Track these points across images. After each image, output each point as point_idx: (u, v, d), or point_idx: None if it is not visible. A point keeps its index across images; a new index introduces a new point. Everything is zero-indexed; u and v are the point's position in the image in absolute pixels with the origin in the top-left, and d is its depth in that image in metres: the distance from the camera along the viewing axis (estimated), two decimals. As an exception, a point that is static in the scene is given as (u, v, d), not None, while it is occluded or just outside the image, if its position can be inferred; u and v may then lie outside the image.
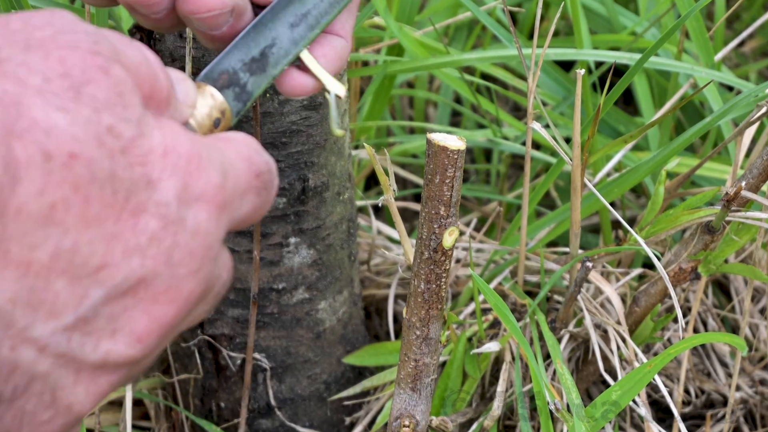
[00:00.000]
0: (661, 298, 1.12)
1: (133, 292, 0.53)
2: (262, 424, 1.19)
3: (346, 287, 1.17)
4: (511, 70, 1.53)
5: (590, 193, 1.18)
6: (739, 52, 1.80)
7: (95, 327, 0.52)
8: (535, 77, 1.07)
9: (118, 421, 1.22)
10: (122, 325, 0.53)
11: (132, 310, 0.53)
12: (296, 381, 1.18)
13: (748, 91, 1.13)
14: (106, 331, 0.52)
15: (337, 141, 1.08)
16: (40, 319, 0.50)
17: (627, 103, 1.70)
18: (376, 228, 1.33)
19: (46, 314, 0.50)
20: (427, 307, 0.86)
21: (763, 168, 1.03)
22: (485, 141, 1.41)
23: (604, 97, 1.07)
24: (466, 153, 0.79)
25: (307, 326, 1.15)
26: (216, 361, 1.17)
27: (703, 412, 1.30)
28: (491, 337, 1.17)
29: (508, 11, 1.12)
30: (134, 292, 0.53)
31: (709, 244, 1.07)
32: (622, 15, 1.51)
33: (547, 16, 1.65)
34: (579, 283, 1.10)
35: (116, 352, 0.53)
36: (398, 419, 0.90)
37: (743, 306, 1.23)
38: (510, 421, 1.21)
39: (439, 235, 0.81)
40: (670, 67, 1.32)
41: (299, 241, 1.10)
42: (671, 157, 1.15)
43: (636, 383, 0.95)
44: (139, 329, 0.53)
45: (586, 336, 1.18)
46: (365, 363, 1.19)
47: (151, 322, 0.53)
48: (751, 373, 1.30)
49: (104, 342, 0.53)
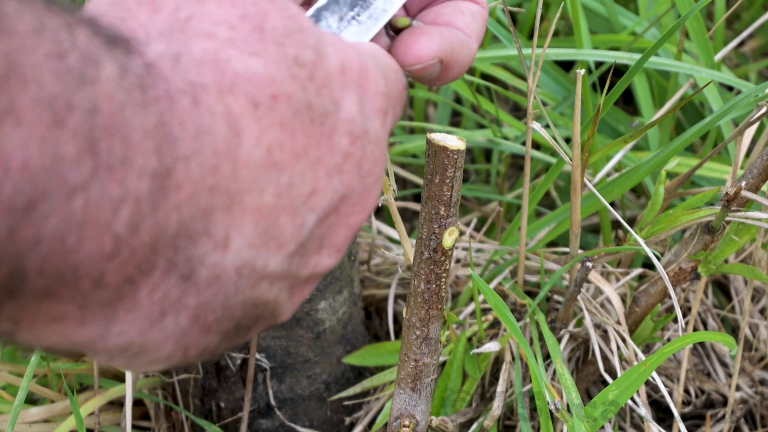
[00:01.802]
0: (661, 298, 1.12)
1: (336, 209, 0.55)
2: (262, 424, 1.19)
3: (346, 287, 1.17)
4: (511, 70, 1.53)
5: (590, 193, 1.18)
6: (739, 52, 1.80)
7: (309, 248, 0.55)
8: (535, 77, 1.07)
9: (118, 421, 1.22)
10: (327, 241, 0.56)
11: (335, 226, 0.56)
12: (296, 381, 1.18)
13: (748, 91, 1.13)
14: (315, 248, 0.55)
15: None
16: (272, 254, 0.53)
17: (627, 103, 1.70)
18: (376, 228, 1.33)
19: (275, 248, 0.53)
20: (427, 307, 0.86)
21: (763, 168, 1.03)
22: (485, 141, 1.41)
23: (604, 97, 1.06)
24: (466, 153, 0.79)
25: (307, 326, 1.15)
26: (216, 361, 1.17)
27: (703, 412, 1.30)
28: (491, 337, 1.17)
29: (508, 11, 1.12)
30: (337, 210, 0.56)
31: (709, 244, 1.07)
32: (622, 15, 1.51)
33: (547, 16, 1.65)
34: (579, 283, 1.09)
35: (322, 265, 0.57)
36: (398, 419, 0.90)
37: (743, 306, 1.23)
38: (510, 421, 1.21)
39: (439, 235, 0.81)
40: (670, 67, 1.32)
41: (299, 241, 1.10)
42: (671, 157, 1.15)
43: (633, 382, 0.95)
44: (339, 240, 0.57)
45: (586, 336, 1.18)
46: (365, 363, 1.19)
47: (348, 231, 0.57)
48: (751, 373, 1.30)
49: (313, 258, 0.56)
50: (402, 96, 0.61)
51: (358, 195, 0.56)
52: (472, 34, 0.68)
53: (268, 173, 0.51)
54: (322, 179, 0.54)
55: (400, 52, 0.66)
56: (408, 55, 0.65)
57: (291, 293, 0.56)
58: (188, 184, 0.48)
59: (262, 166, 0.51)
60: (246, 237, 0.51)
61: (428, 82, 0.68)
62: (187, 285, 0.50)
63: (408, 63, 0.65)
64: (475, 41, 0.68)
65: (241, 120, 0.50)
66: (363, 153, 0.56)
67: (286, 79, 0.52)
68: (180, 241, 0.48)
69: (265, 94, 0.51)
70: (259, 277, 0.53)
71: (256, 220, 0.51)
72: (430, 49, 0.65)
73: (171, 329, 0.51)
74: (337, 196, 0.55)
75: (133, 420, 1.25)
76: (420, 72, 0.66)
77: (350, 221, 0.57)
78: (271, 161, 0.51)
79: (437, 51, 0.65)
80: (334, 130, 0.54)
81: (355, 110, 0.55)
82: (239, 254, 0.51)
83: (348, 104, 0.55)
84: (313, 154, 0.53)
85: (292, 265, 0.54)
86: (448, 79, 0.68)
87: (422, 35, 0.66)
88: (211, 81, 0.50)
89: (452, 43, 0.66)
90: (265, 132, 0.51)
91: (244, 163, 0.50)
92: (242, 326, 0.54)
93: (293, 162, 0.52)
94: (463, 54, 0.67)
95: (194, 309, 0.51)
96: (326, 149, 0.54)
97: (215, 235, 0.50)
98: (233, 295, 0.52)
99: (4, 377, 1.18)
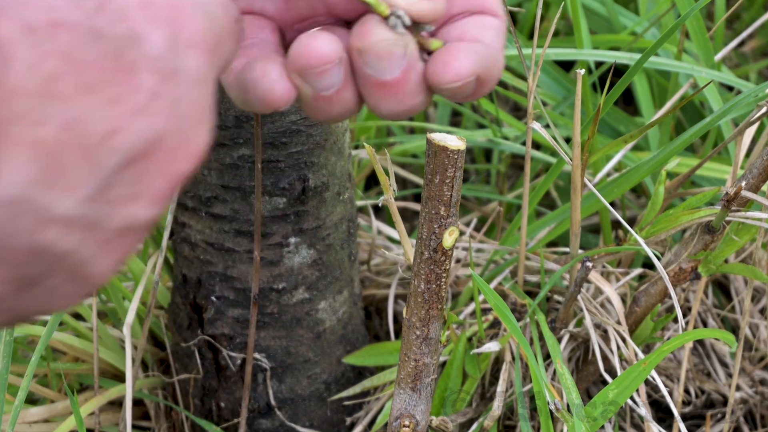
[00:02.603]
0: (661, 298, 1.12)
1: (147, 154, 0.51)
2: (262, 424, 1.19)
3: (346, 287, 1.17)
4: (511, 70, 1.53)
5: (590, 193, 1.18)
6: (739, 52, 1.80)
7: (116, 194, 0.51)
8: (535, 77, 1.07)
9: (118, 421, 1.22)
10: (140, 190, 0.52)
11: (148, 173, 0.52)
12: (296, 381, 1.18)
13: (748, 91, 1.13)
14: (125, 198, 0.52)
15: (337, 141, 1.08)
16: (61, 195, 0.49)
17: (627, 103, 1.70)
18: (376, 228, 1.33)
19: (64, 189, 0.49)
20: (427, 307, 0.86)
21: (763, 168, 1.03)
22: (485, 141, 1.41)
23: (604, 97, 1.07)
24: (466, 153, 0.79)
25: (307, 326, 1.15)
26: (216, 361, 1.17)
27: (703, 412, 1.30)
28: (491, 337, 1.17)
29: (508, 11, 1.12)
30: (147, 155, 0.51)
31: (709, 244, 1.07)
32: (622, 15, 1.51)
33: (547, 16, 1.65)
34: (579, 283, 1.10)
35: (137, 216, 0.52)
36: (398, 419, 0.90)
37: (743, 306, 1.23)
38: (510, 421, 1.21)
39: (439, 235, 0.81)
40: (670, 67, 1.32)
41: (299, 241, 1.10)
42: (671, 157, 1.15)
43: (632, 381, 0.95)
44: (156, 190, 0.52)
45: (586, 336, 1.18)
46: (365, 363, 1.19)
47: (167, 181, 0.53)
48: (751, 373, 1.30)
49: (124, 208, 0.52)
50: (233, 31, 0.57)
51: (176, 139, 0.52)
52: (499, 49, 0.67)
53: (46, 105, 0.48)
54: (124, 118, 0.50)
55: (438, 71, 0.64)
56: (447, 72, 0.64)
57: (101, 247, 0.52)
58: None
59: (39, 96, 0.48)
60: (21, 171, 0.48)
61: (460, 99, 0.66)
62: None
63: (447, 81, 0.64)
64: (502, 56, 0.67)
65: (12, 44, 0.47)
66: (177, 93, 0.52)
67: (67, 6, 0.49)
68: None
69: (42, 20, 0.48)
70: (43, 219, 0.49)
71: (35, 155, 0.48)
72: (468, 66, 0.64)
73: None
74: (145, 138, 0.51)
75: (133, 420, 1.25)
76: (458, 90, 0.64)
77: (168, 169, 0.52)
78: (49, 92, 0.48)
79: (475, 68, 0.64)
80: (135, 66, 0.51)
81: (163, 47, 0.52)
82: (11, 188, 0.48)
83: (154, 40, 0.51)
84: (109, 91, 0.50)
85: (93, 212, 0.51)
86: (480, 95, 0.66)
87: (460, 53, 0.64)
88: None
89: (486, 59, 0.65)
90: (42, 60, 0.48)
91: (12, 89, 0.47)
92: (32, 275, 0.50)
93: (80, 96, 0.49)
94: (495, 69, 0.66)
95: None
96: (126, 86, 0.50)
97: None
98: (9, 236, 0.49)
99: (4, 377, 1.18)
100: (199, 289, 1.14)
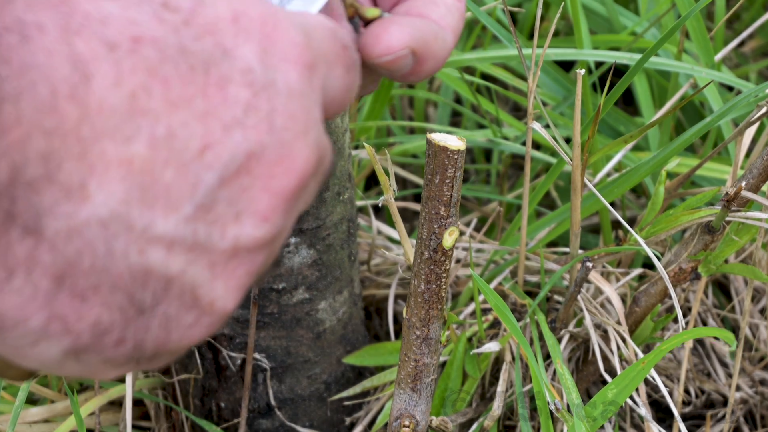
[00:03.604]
0: (661, 298, 1.12)
1: (246, 169, 0.50)
2: (262, 424, 1.19)
3: (346, 287, 1.17)
4: (511, 70, 1.53)
5: (590, 193, 1.18)
6: (739, 52, 1.80)
7: (218, 214, 0.50)
8: (535, 77, 1.07)
9: (118, 421, 1.22)
10: (244, 207, 0.50)
11: (251, 190, 0.50)
12: (296, 381, 1.18)
13: (748, 91, 1.13)
14: (230, 216, 0.50)
15: (337, 141, 1.08)
16: (159, 215, 0.48)
17: (627, 103, 1.70)
18: (376, 228, 1.33)
19: (163, 209, 0.48)
20: (427, 307, 0.86)
21: (763, 168, 1.03)
22: (485, 141, 1.41)
23: (604, 97, 1.07)
24: (466, 153, 0.78)
25: (307, 326, 1.15)
26: (216, 361, 1.17)
27: (703, 412, 1.30)
28: (491, 337, 1.17)
29: (508, 11, 1.12)
30: (247, 170, 0.50)
31: (709, 244, 1.07)
32: (622, 15, 1.51)
33: (547, 16, 1.65)
34: (579, 283, 1.10)
35: (245, 236, 0.50)
36: (398, 419, 0.90)
37: (743, 306, 1.23)
38: (510, 421, 1.21)
39: (439, 235, 0.81)
40: (670, 67, 1.32)
41: (299, 241, 1.10)
42: (671, 157, 1.15)
43: (632, 380, 0.95)
44: (262, 207, 0.50)
45: (586, 336, 1.18)
46: (365, 363, 1.19)
47: (272, 197, 0.50)
48: (751, 373, 1.30)
49: (230, 228, 0.50)
50: (341, 55, 0.56)
51: (275, 153, 0.50)
52: (447, 27, 0.64)
53: (133, 121, 0.47)
54: (217, 132, 0.49)
55: (368, 44, 0.61)
56: (377, 45, 0.60)
57: (212, 270, 0.50)
58: (18, 126, 0.45)
59: (125, 113, 0.47)
60: (114, 190, 0.47)
61: (402, 78, 0.63)
62: (35, 239, 0.46)
63: (377, 54, 0.61)
64: (451, 34, 0.64)
65: (91, 61, 0.46)
66: (271, 106, 0.50)
67: (149, 21, 0.48)
68: (17, 190, 0.45)
69: (124, 36, 0.47)
70: (143, 239, 0.48)
71: (127, 173, 0.47)
72: (400, 39, 0.61)
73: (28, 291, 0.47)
74: (241, 152, 0.49)
75: (133, 420, 1.25)
76: (391, 64, 0.61)
77: (272, 185, 0.50)
78: (137, 108, 0.47)
79: (408, 41, 0.61)
80: (227, 80, 0.49)
81: (254, 60, 0.50)
82: (104, 207, 0.47)
83: (244, 53, 0.50)
84: (200, 105, 0.49)
85: (198, 233, 0.49)
86: (423, 73, 0.63)
87: (392, 24, 0.61)
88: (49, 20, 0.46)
89: (425, 34, 0.62)
90: (126, 76, 0.47)
91: (97, 107, 0.46)
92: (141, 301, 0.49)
93: (169, 111, 0.48)
94: (437, 46, 0.63)
95: (53, 268, 0.47)
96: (218, 101, 0.49)
97: (65, 183, 0.46)
98: (107, 257, 0.48)
99: (4, 377, 1.18)
100: (199, 289, 1.14)
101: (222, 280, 0.51)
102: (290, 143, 0.51)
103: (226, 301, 0.51)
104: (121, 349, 0.50)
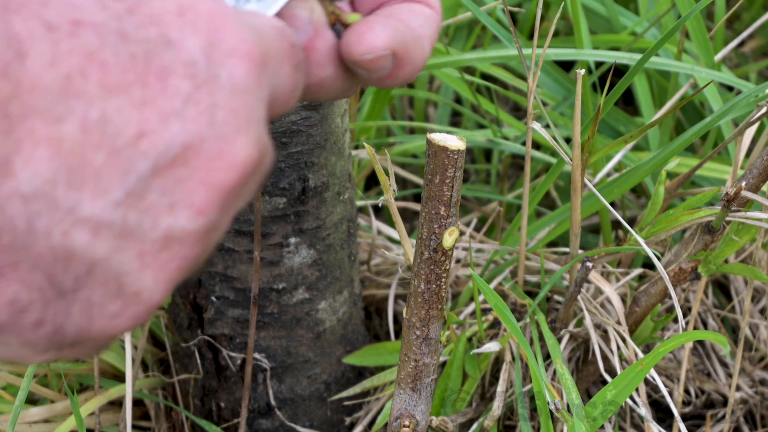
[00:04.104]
0: (661, 298, 1.12)
1: (183, 160, 0.50)
2: (262, 424, 1.19)
3: (346, 287, 1.17)
4: (511, 70, 1.53)
5: (590, 193, 1.18)
6: (739, 52, 1.80)
7: (150, 202, 0.49)
8: (535, 77, 1.07)
9: (118, 421, 1.22)
10: (180, 199, 0.50)
11: (187, 181, 0.50)
12: (296, 381, 1.18)
13: (748, 91, 1.13)
14: (163, 206, 0.50)
15: (337, 141, 1.08)
16: (87, 197, 0.48)
17: (627, 103, 1.70)
18: (376, 228, 1.33)
19: (92, 191, 0.48)
20: (427, 307, 0.86)
21: (763, 168, 1.03)
22: (485, 141, 1.41)
23: (604, 97, 1.07)
24: (466, 153, 0.79)
25: (307, 326, 1.15)
26: (216, 361, 1.17)
27: (703, 412, 1.30)
28: (491, 337, 1.17)
29: (508, 11, 1.12)
30: (184, 161, 0.50)
31: (709, 244, 1.07)
32: (622, 15, 1.51)
33: (547, 16, 1.65)
34: (579, 283, 1.10)
35: (179, 228, 0.50)
36: (398, 419, 0.90)
37: (743, 306, 1.23)
38: (510, 421, 1.21)
39: (439, 235, 0.81)
40: (670, 67, 1.32)
41: (299, 241, 1.10)
42: (671, 157, 1.15)
43: (631, 381, 0.95)
44: (198, 200, 0.50)
45: (586, 336, 1.18)
46: (365, 363, 1.19)
47: (209, 191, 0.50)
48: (751, 373, 1.30)
49: (163, 218, 0.50)
50: (289, 53, 0.56)
51: (214, 148, 0.50)
52: (425, 36, 0.64)
53: (67, 102, 0.47)
54: (153, 121, 0.49)
55: (351, 42, 0.61)
56: (361, 43, 0.61)
57: (142, 260, 0.50)
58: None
59: (59, 93, 0.47)
60: (41, 168, 0.47)
61: (378, 81, 0.63)
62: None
63: (360, 52, 0.61)
64: (428, 43, 0.64)
65: (28, 40, 0.47)
66: (213, 100, 0.50)
67: (93, 7, 0.48)
68: None
69: (64, 18, 0.48)
70: (69, 220, 0.48)
71: (56, 153, 0.47)
72: (383, 39, 0.61)
73: None
74: (178, 143, 0.49)
75: (133, 420, 1.25)
76: (371, 64, 0.61)
77: (210, 178, 0.50)
78: (71, 90, 0.47)
79: (391, 42, 0.61)
80: (169, 71, 0.49)
81: (198, 53, 0.50)
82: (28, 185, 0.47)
83: (189, 46, 0.50)
84: (137, 93, 0.48)
85: (128, 220, 0.49)
86: (399, 78, 0.63)
87: (377, 24, 0.61)
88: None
89: (406, 38, 0.62)
90: (62, 58, 0.47)
91: (29, 85, 0.47)
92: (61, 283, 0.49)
93: (105, 96, 0.48)
94: (416, 52, 0.63)
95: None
96: (157, 90, 0.49)
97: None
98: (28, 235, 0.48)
99: (4, 377, 1.18)
100: (199, 289, 1.14)
101: (151, 271, 0.50)
102: (231, 138, 0.51)
103: (154, 292, 0.51)
104: (41, 331, 0.49)
